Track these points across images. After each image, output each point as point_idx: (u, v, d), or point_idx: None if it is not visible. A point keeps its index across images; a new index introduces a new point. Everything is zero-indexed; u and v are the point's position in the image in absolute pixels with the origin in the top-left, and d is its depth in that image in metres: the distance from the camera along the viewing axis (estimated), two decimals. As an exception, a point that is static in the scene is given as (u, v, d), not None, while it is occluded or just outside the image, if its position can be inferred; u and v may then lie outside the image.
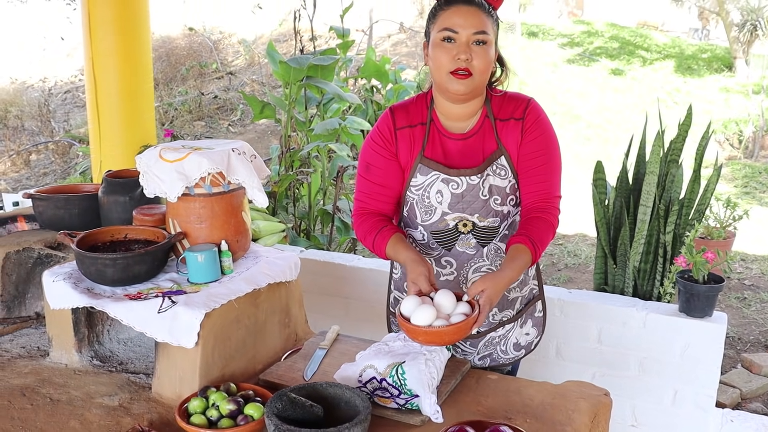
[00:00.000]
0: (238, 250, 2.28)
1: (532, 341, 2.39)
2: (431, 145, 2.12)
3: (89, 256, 2.11)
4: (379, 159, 2.16)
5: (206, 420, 1.84)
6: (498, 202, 2.12)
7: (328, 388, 1.84)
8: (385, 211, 2.22)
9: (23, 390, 2.13)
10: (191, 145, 2.24)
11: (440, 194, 2.10)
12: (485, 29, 1.98)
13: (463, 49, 1.97)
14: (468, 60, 1.97)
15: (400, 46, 12.44)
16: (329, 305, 3.78)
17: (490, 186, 2.10)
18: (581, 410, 2.03)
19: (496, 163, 2.09)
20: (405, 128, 2.14)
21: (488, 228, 2.15)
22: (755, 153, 9.08)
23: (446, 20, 1.99)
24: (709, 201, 3.60)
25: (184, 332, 1.98)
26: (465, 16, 1.96)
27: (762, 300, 5.04)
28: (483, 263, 2.19)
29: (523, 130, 2.09)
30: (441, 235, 2.16)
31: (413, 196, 2.15)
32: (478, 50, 1.98)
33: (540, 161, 2.10)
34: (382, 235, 2.13)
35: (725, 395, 3.66)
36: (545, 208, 2.11)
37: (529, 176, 2.11)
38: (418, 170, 2.11)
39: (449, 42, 1.98)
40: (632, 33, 14.15)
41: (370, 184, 2.19)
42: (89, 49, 4.05)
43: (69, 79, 12.61)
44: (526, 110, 2.10)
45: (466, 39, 1.97)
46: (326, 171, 5.07)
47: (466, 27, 1.96)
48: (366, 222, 2.20)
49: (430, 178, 2.10)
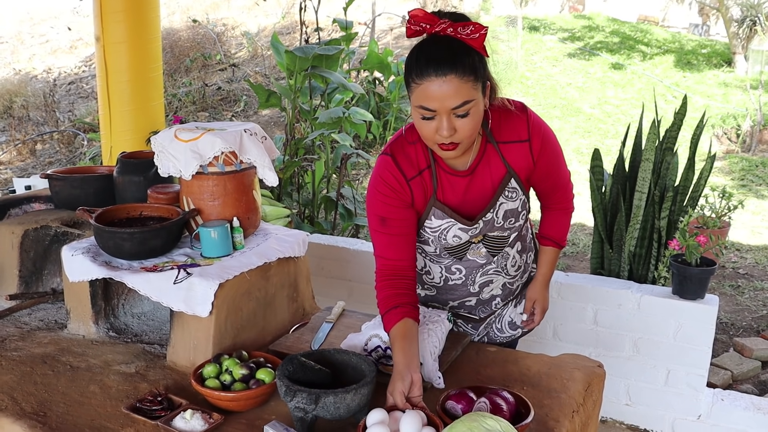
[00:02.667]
0: (249, 227, 2.38)
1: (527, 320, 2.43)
2: (441, 187, 2.03)
3: (108, 231, 2.21)
4: (394, 211, 2.03)
5: (220, 384, 1.95)
6: (512, 222, 2.12)
7: (335, 354, 1.94)
8: (406, 257, 2.06)
9: (44, 358, 2.23)
10: (204, 126, 2.34)
11: (458, 237, 2.09)
12: (466, 98, 1.75)
13: (445, 126, 1.78)
14: (451, 134, 1.80)
15: (402, 39, 12.49)
16: (333, 288, 3.88)
17: (504, 212, 2.08)
18: (576, 379, 2.13)
19: (508, 188, 2.04)
20: (416, 177, 2.01)
21: (498, 238, 2.16)
22: (753, 147, 9.16)
23: (420, 97, 1.77)
24: (703, 188, 3.70)
25: (199, 302, 2.09)
26: (440, 90, 1.73)
27: (755, 288, 5.14)
28: (491, 267, 2.23)
29: (533, 152, 2.01)
30: (452, 249, 2.16)
31: (429, 235, 2.10)
32: (460, 122, 1.79)
33: (552, 170, 2.13)
34: (394, 314, 1.98)
35: (717, 377, 3.76)
36: (562, 200, 2.25)
37: (546, 185, 2.18)
38: (433, 213, 2.05)
39: (428, 119, 1.80)
40: (633, 28, 14.21)
41: (389, 236, 2.05)
42: (100, 37, 4.14)
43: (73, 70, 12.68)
44: (529, 129, 2.00)
45: (446, 115, 1.77)
46: (330, 159, 5.17)
47: (444, 102, 1.75)
48: (386, 290, 2.04)
49: (445, 223, 2.05)
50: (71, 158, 8.84)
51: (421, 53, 1.76)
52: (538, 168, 2.06)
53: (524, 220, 2.19)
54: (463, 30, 1.75)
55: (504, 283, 2.31)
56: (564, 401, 1.99)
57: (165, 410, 1.90)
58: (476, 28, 1.75)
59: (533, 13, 15.44)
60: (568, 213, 2.29)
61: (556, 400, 1.99)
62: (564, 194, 2.25)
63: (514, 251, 2.25)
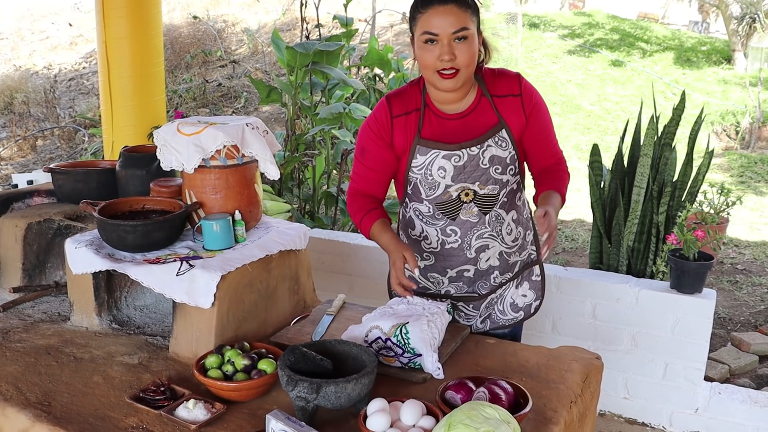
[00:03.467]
0: (251, 220, 2.40)
1: (530, 303, 2.49)
2: (427, 126, 2.21)
3: (111, 223, 2.23)
4: (373, 146, 2.27)
5: (222, 374, 1.97)
6: (498, 171, 2.21)
7: (336, 345, 1.96)
8: (375, 193, 2.35)
9: (48, 349, 2.26)
10: (207, 120, 2.36)
11: (443, 170, 2.19)
12: (465, 25, 2.04)
13: (446, 50, 2.04)
14: (452, 59, 2.05)
15: (403, 36, 12.51)
16: (334, 282, 3.90)
17: (491, 156, 2.19)
18: (574, 371, 2.15)
19: (498, 135, 2.19)
20: (401, 116, 2.23)
21: (488, 196, 2.24)
22: (752, 144, 9.19)
23: (425, 23, 2.05)
24: (701, 183, 3.72)
25: (201, 293, 2.11)
26: (442, 16, 2.03)
27: (753, 283, 5.17)
28: (485, 230, 2.29)
29: (525, 107, 2.21)
30: (445, 206, 2.25)
31: (416, 176, 2.24)
32: (460, 46, 2.05)
33: (543, 134, 2.27)
34: (369, 216, 2.30)
35: (715, 371, 3.78)
36: (556, 165, 2.32)
37: (537, 149, 2.28)
38: (417, 151, 2.20)
39: (431, 44, 2.06)
40: (633, 25, 14.22)
41: (363, 168, 2.32)
42: (102, 33, 4.16)
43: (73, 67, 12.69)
44: (521, 86, 2.22)
45: (447, 39, 2.04)
46: (330, 155, 5.19)
47: (445, 28, 2.03)
48: (357, 202, 2.35)
49: (430, 156, 2.19)
50: (72, 154, 8.86)
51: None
52: (530, 126, 2.23)
53: (513, 177, 2.26)
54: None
55: (501, 252, 2.34)
56: (562, 392, 2.02)
57: (168, 400, 1.92)
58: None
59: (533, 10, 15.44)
60: (566, 175, 2.33)
61: (554, 390, 2.02)
62: (560, 164, 2.33)
63: (509, 218, 2.31)
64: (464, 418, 1.58)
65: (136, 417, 1.88)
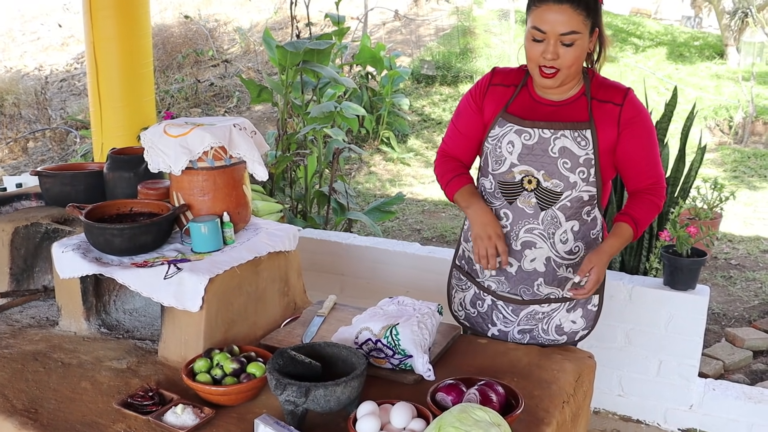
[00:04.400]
0: (239, 222, 2.38)
1: (577, 331, 2.35)
2: (517, 104, 2.22)
3: (98, 227, 2.21)
4: (467, 110, 2.31)
5: (211, 378, 1.95)
6: (567, 166, 2.15)
7: (326, 347, 1.95)
8: (463, 157, 2.38)
9: (35, 355, 2.23)
10: (194, 121, 2.34)
11: (511, 144, 2.19)
12: (574, 29, 2.01)
13: (550, 50, 2.03)
14: (554, 59, 2.04)
15: (395, 34, 12.49)
16: (326, 282, 3.88)
17: (562, 146, 2.14)
18: (566, 370, 2.14)
19: (579, 132, 2.14)
20: (498, 86, 2.26)
21: (551, 191, 2.18)
22: (745, 138, 9.18)
23: (536, 18, 2.05)
24: (694, 179, 3.71)
25: (189, 297, 2.09)
26: (554, 15, 2.01)
27: (747, 278, 5.17)
28: (537, 226, 2.22)
29: (621, 120, 2.15)
30: (507, 186, 2.23)
31: (489, 146, 2.25)
32: (565, 50, 2.04)
33: (644, 154, 2.19)
34: (459, 180, 2.32)
35: (709, 367, 3.78)
36: (651, 190, 2.22)
37: (635, 167, 2.21)
38: (497, 123, 2.22)
39: (538, 41, 2.06)
40: (625, 20, 14.20)
41: (455, 129, 2.36)
42: (90, 34, 4.13)
43: (65, 68, 12.63)
44: (625, 98, 2.15)
45: (554, 39, 2.03)
46: (322, 154, 5.17)
47: (554, 27, 2.01)
48: (447, 163, 2.39)
49: (505, 129, 2.20)
50: (63, 155, 8.82)
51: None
52: (623, 140, 2.16)
53: (584, 183, 2.17)
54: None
55: (549, 258, 2.25)
56: (554, 392, 2.01)
57: (156, 405, 1.90)
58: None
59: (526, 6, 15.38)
60: (655, 204, 2.23)
61: (546, 390, 2.01)
62: (656, 187, 2.23)
63: (567, 226, 2.22)
64: (454, 421, 1.56)
65: (124, 423, 1.86)
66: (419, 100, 10.08)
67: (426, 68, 10.66)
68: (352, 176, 8.13)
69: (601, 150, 2.15)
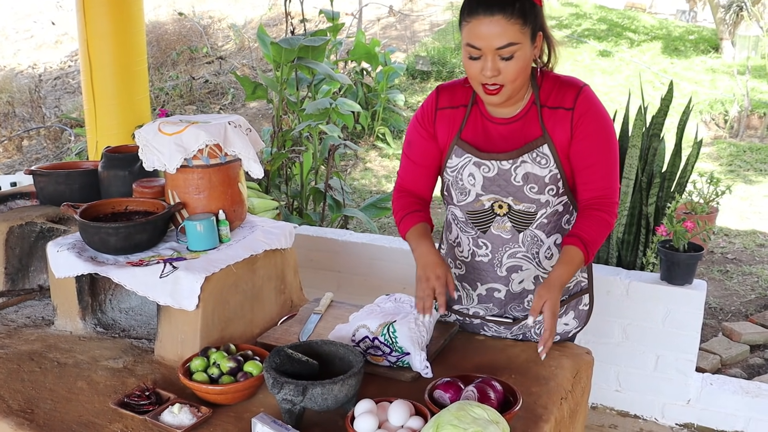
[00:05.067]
0: (235, 220, 2.37)
1: (570, 331, 2.31)
2: (470, 127, 2.07)
3: (93, 226, 2.20)
4: (418, 137, 2.14)
5: (208, 377, 1.94)
6: (534, 190, 2.02)
7: (323, 345, 1.94)
8: (421, 189, 2.20)
9: (31, 355, 2.22)
10: (188, 119, 2.33)
11: (472, 177, 2.05)
12: (511, 40, 1.83)
13: (489, 66, 1.86)
14: (495, 75, 1.87)
15: (390, 30, 12.48)
16: (322, 279, 3.87)
17: (525, 173, 2.01)
18: (564, 367, 2.13)
19: (537, 151, 1.99)
20: (446, 109, 2.10)
21: (524, 213, 2.06)
22: (740, 132, 9.19)
23: (469, 35, 1.86)
24: (690, 174, 3.71)
25: (185, 295, 2.08)
26: (487, 29, 1.82)
27: (743, 273, 5.17)
28: (518, 249, 2.12)
29: (573, 122, 1.98)
30: (477, 215, 2.11)
31: (449, 177, 2.11)
32: (505, 64, 1.86)
33: (596, 158, 2.00)
34: (410, 218, 2.14)
35: (706, 361, 3.78)
36: (601, 204, 2.02)
37: (586, 172, 2.02)
38: (454, 152, 2.07)
39: (474, 58, 1.88)
40: (620, 15, 14.21)
41: (409, 161, 2.18)
42: (83, 31, 4.11)
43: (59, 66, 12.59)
44: (577, 99, 1.98)
45: (491, 55, 1.85)
46: (317, 151, 5.16)
47: (489, 41, 1.83)
48: (402, 199, 2.20)
49: (463, 160, 2.05)
50: (58, 154, 8.79)
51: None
52: (574, 141, 1.99)
53: (556, 198, 2.05)
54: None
55: (537, 276, 2.16)
56: (552, 388, 2.00)
57: (153, 405, 1.89)
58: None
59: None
60: (605, 221, 2.01)
61: (544, 387, 2.00)
62: (606, 201, 2.02)
63: (549, 241, 2.12)
64: (452, 419, 1.56)
65: (120, 423, 1.85)
66: (414, 96, 10.07)
67: (421, 64, 10.65)
68: (348, 173, 8.12)
69: (563, 160, 2.02)
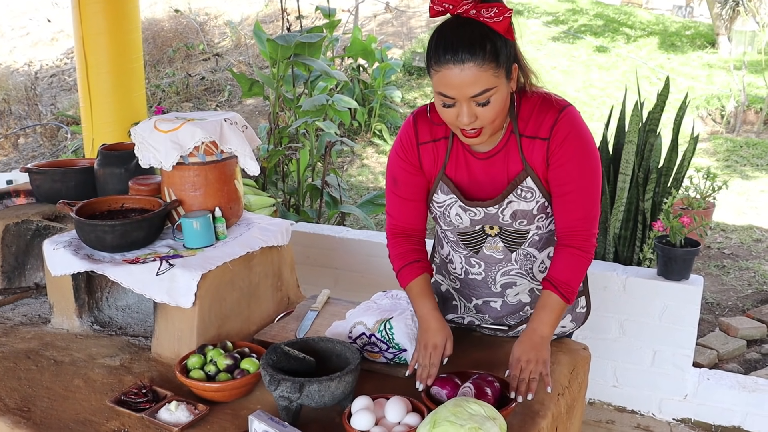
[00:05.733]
0: (232, 217, 2.37)
1: (567, 331, 2.29)
2: (453, 162, 1.97)
3: (89, 224, 2.19)
4: (404, 174, 2.01)
5: (204, 375, 1.95)
6: (524, 223, 1.96)
7: (320, 342, 1.94)
8: (415, 224, 2.08)
9: (28, 353, 2.22)
10: (184, 116, 2.33)
11: (459, 216, 1.99)
12: (485, 87, 1.69)
13: (465, 112, 1.73)
14: (472, 121, 1.75)
15: (386, 26, 12.46)
16: (320, 276, 3.87)
17: (513, 212, 1.94)
18: (561, 362, 2.14)
19: (521, 187, 1.90)
20: (428, 143, 1.97)
21: (516, 233, 1.99)
22: (737, 127, 9.19)
23: (439, 84, 1.73)
24: (687, 169, 3.71)
25: (182, 293, 2.08)
26: (458, 78, 1.68)
27: (740, 267, 5.18)
28: (512, 267, 2.06)
29: (549, 152, 1.86)
30: (468, 237, 2.03)
31: (436, 210, 2.03)
32: (481, 110, 1.73)
33: (572, 186, 1.88)
34: (408, 271, 2.04)
35: (703, 356, 3.79)
36: (576, 238, 1.92)
37: (561, 200, 1.91)
38: (439, 188, 1.98)
39: (449, 107, 1.76)
40: (617, 11, 14.20)
41: (399, 199, 2.06)
42: (79, 29, 4.10)
43: (54, 63, 12.55)
44: (553, 129, 1.85)
45: (465, 103, 1.72)
46: (314, 147, 5.15)
47: (462, 90, 1.70)
48: (398, 246, 2.09)
49: (449, 199, 1.98)
50: (54, 151, 8.77)
51: (440, 39, 1.71)
52: (551, 168, 1.87)
53: (548, 220, 1.98)
54: (487, 12, 1.68)
55: (533, 289, 2.12)
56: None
57: (150, 402, 1.89)
58: (501, 10, 1.67)
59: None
60: (580, 258, 1.92)
61: (541, 383, 2.00)
62: (582, 229, 1.92)
63: (542, 255, 2.06)
64: (449, 415, 1.56)
65: (117, 421, 1.85)
66: (411, 92, 10.06)
67: (417, 60, 10.63)
68: (345, 169, 8.11)
69: (547, 187, 1.92)
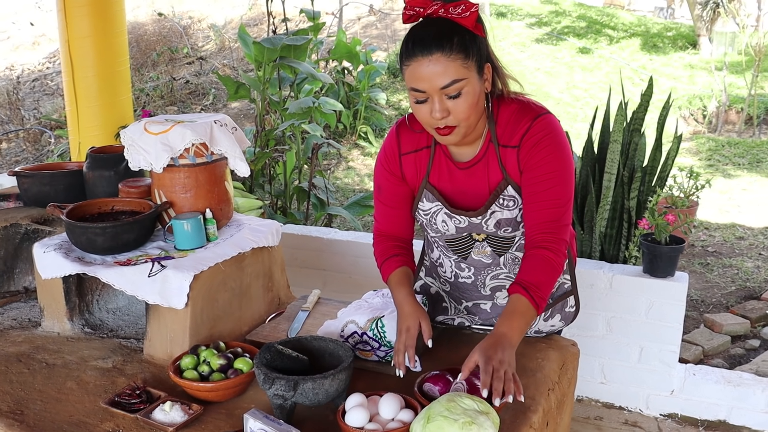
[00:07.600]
0: (222, 218, 2.38)
1: (556, 329, 2.32)
2: (436, 170, 2.00)
3: (80, 226, 2.20)
4: (387, 183, 2.07)
5: (198, 375, 1.95)
6: (508, 231, 2.00)
7: (312, 341, 1.95)
8: (399, 232, 2.13)
9: (19, 357, 2.22)
10: (174, 118, 2.33)
11: (445, 223, 2.02)
12: (455, 77, 1.72)
13: (437, 107, 1.75)
14: (445, 116, 1.77)
15: (371, 29, 12.49)
16: (308, 278, 3.88)
17: (496, 221, 1.98)
18: (551, 359, 2.16)
19: (503, 196, 1.94)
20: (410, 153, 2.02)
21: (503, 237, 2.03)
22: (719, 127, 9.29)
23: (411, 79, 1.77)
24: (671, 168, 3.76)
25: (174, 294, 2.08)
26: (428, 69, 1.72)
27: (724, 265, 5.24)
28: (501, 271, 2.11)
29: (519, 158, 1.90)
30: (455, 243, 2.07)
31: (422, 218, 2.07)
32: (454, 103, 1.76)
33: (540, 187, 1.90)
34: (390, 263, 2.09)
35: (689, 352, 3.83)
36: (547, 242, 1.90)
37: (531, 209, 1.92)
38: (424, 195, 2.02)
39: (421, 101, 1.78)
40: (599, 12, 14.32)
41: (383, 206, 2.12)
42: (65, 32, 4.09)
43: (37, 67, 12.48)
44: (524, 136, 1.88)
45: (437, 96, 1.75)
46: (300, 150, 5.16)
47: (432, 82, 1.73)
48: (380, 244, 2.15)
49: (434, 206, 2.01)
50: (38, 156, 8.72)
51: (410, 36, 1.77)
52: (523, 172, 1.91)
53: None
54: (454, 10, 1.73)
55: None
56: (539, 380, 2.03)
57: (144, 403, 1.90)
58: (467, 6, 1.73)
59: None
60: (551, 261, 1.90)
61: (531, 379, 2.02)
62: (551, 232, 1.91)
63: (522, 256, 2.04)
64: (443, 410, 1.58)
65: (112, 422, 1.85)
66: (396, 95, 10.09)
67: (402, 62, 10.65)
68: (331, 171, 8.12)
69: None
